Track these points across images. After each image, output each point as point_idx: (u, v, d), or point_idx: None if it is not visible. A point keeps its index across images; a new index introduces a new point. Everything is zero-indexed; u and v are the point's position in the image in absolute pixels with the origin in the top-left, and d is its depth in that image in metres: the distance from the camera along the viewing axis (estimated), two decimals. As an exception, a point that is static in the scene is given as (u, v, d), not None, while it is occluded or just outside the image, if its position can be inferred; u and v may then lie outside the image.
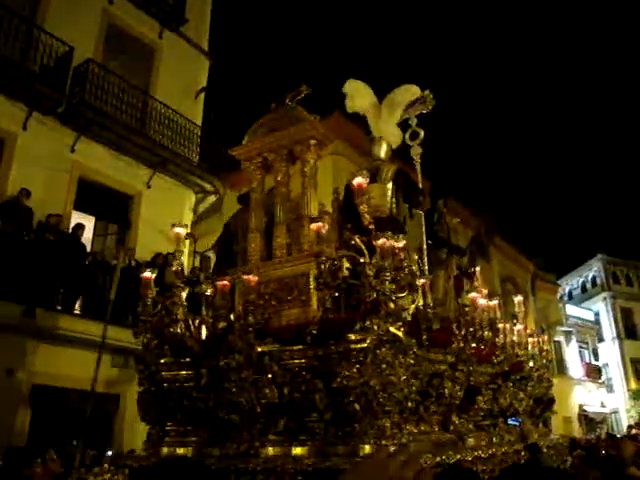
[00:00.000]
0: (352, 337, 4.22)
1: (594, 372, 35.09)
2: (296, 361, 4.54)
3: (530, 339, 7.35)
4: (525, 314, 8.55)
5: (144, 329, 5.26)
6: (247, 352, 4.48)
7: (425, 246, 7.13)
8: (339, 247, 5.35)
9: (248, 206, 6.38)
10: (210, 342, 4.93)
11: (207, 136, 14.27)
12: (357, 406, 4.13)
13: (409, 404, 4.48)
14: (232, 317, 4.88)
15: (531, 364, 6.95)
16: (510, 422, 6.31)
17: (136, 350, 11.02)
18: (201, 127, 14.33)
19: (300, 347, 4.51)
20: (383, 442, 4.02)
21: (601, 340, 38.01)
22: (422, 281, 5.65)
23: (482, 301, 6.15)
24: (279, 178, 6.06)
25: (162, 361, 5.12)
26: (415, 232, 7.26)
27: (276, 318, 5.14)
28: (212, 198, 14.88)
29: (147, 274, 5.59)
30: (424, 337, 4.91)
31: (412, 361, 4.48)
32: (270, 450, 4.44)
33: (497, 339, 6.30)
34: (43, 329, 9.63)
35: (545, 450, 5.74)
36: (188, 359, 5.00)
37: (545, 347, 7.83)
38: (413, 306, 5.08)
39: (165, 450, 4.92)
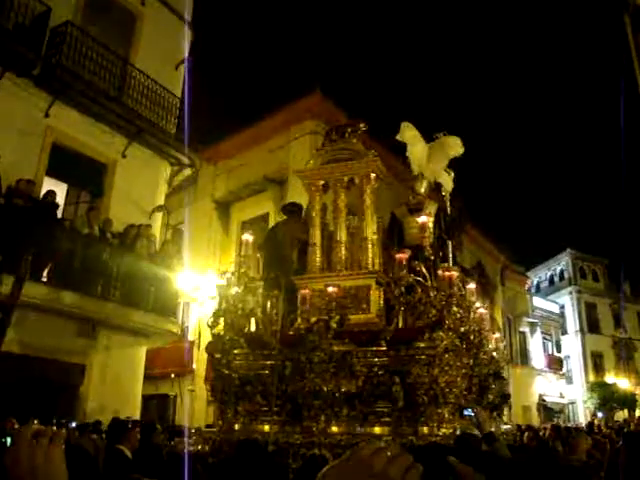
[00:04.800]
0: (422, 344, 5.45)
1: (556, 363, 35.89)
2: (376, 359, 5.66)
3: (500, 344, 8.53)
4: (492, 321, 9.82)
5: (220, 323, 6.22)
6: (329, 350, 5.48)
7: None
8: (384, 264, 6.70)
9: (292, 216, 7.66)
10: (291, 339, 5.90)
11: (185, 108, 14.05)
12: (426, 398, 5.29)
13: (460, 397, 5.68)
14: (311, 319, 5.79)
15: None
16: (465, 413, 6.72)
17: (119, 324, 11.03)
18: (180, 99, 14.10)
19: (378, 348, 5.66)
20: (443, 425, 5.22)
21: (564, 333, 38.83)
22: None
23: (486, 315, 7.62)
24: (338, 201, 7.00)
25: (236, 351, 6.08)
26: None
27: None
28: (187, 171, 14.71)
29: (228, 275, 6.61)
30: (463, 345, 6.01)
31: (459, 364, 5.67)
32: (346, 428, 5.49)
33: (485, 344, 7.43)
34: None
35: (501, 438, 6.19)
36: (265, 352, 6.04)
37: (505, 351, 9.32)
38: (468, 324, 6.20)
39: (237, 426, 5.89)
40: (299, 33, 69.10)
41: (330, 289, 5.87)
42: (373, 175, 6.87)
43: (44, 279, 10.14)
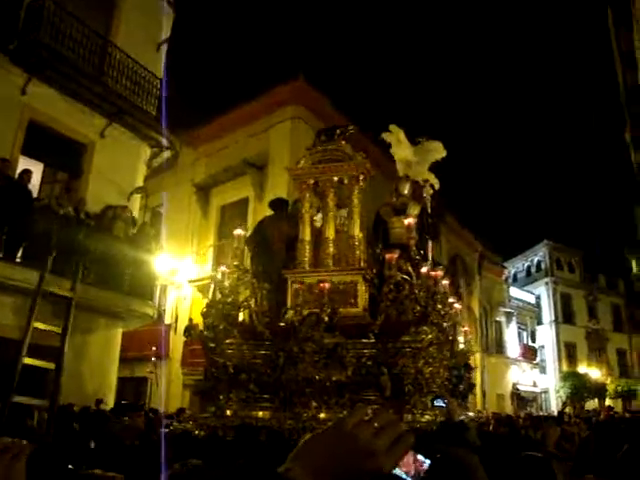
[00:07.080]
0: (408, 338, 5.83)
1: (530, 353, 36.46)
2: (365, 351, 6.01)
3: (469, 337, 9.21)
4: (469, 311, 10.41)
5: (213, 313, 6.42)
6: (320, 341, 5.79)
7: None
8: (367, 260, 6.96)
9: (281, 212, 7.86)
10: (282, 330, 6.16)
11: (166, 90, 13.88)
12: (411, 387, 5.69)
13: (442, 387, 6.17)
14: (303, 312, 6.06)
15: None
16: (436, 403, 7.00)
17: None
18: (161, 80, 13.91)
19: (367, 341, 6.02)
20: (427, 412, 5.61)
21: (540, 323, 39.45)
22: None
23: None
24: (328, 200, 7.22)
25: (228, 341, 6.37)
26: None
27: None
28: (167, 153, 14.56)
29: (223, 268, 6.78)
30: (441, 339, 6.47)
31: (441, 356, 6.20)
32: (334, 415, 5.52)
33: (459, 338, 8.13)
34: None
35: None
36: (259, 342, 6.34)
37: (476, 342, 10.10)
38: (450, 320, 6.69)
39: (229, 412, 6.10)
40: (284, 17, 68.50)
41: (322, 284, 6.18)
42: (362, 177, 7.14)
43: (18, 259, 10.01)
